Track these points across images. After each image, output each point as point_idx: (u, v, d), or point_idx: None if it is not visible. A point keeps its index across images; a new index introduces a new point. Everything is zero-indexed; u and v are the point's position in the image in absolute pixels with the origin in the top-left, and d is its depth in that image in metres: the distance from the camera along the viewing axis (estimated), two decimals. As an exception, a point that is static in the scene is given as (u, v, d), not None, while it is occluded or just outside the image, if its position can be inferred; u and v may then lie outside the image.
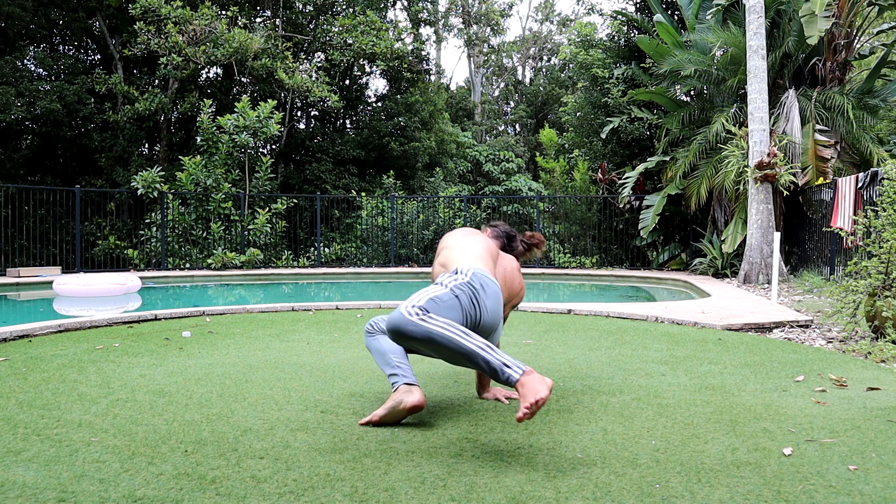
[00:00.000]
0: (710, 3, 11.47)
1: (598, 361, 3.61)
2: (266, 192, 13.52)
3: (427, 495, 1.72)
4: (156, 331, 4.69)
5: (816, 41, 9.16)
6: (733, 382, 3.06)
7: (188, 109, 15.32)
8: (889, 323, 4.02)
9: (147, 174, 12.17)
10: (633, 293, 9.79)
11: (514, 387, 2.02)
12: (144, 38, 13.79)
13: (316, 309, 6.07)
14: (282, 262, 12.93)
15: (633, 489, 1.76)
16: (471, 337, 2.12)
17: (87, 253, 13.46)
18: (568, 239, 14.87)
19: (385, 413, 2.32)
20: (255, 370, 3.34)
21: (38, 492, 1.73)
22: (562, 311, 5.74)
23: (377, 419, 2.33)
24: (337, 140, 17.58)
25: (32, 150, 15.71)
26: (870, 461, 1.98)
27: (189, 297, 9.31)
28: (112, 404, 2.64)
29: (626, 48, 14.10)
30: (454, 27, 26.08)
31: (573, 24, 24.33)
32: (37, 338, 4.35)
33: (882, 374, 3.26)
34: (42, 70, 15.69)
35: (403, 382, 2.35)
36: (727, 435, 2.24)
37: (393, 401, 2.32)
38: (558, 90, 24.52)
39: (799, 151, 9.56)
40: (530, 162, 23.66)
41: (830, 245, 8.54)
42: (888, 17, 12.80)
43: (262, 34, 14.81)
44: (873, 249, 4.40)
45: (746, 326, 4.85)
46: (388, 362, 2.44)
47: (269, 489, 1.76)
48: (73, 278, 8.35)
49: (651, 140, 13.66)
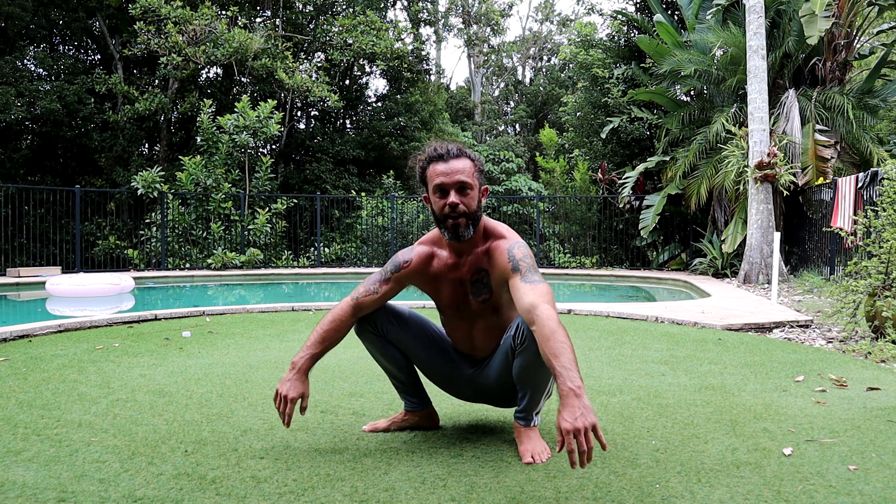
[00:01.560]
0: (710, 3, 11.47)
1: (598, 361, 3.61)
2: (266, 192, 13.52)
3: (427, 495, 1.72)
4: (156, 331, 4.69)
5: (816, 41, 9.16)
6: (733, 382, 3.06)
7: (188, 109, 15.32)
8: (889, 323, 4.02)
9: (147, 174, 12.17)
10: (633, 293, 9.79)
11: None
12: (144, 38, 13.79)
13: (316, 309, 6.08)
14: (282, 262, 12.93)
15: (633, 489, 1.76)
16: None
17: (87, 253, 13.46)
18: (568, 239, 14.87)
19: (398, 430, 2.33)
20: (255, 370, 3.34)
21: (38, 492, 1.73)
22: (562, 311, 5.74)
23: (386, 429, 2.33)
24: (337, 140, 17.58)
25: (32, 150, 15.71)
26: (870, 461, 1.98)
27: (189, 297, 9.31)
28: (112, 404, 2.64)
29: (626, 48, 14.10)
30: (454, 27, 26.08)
31: (573, 24, 24.33)
32: (37, 338, 4.34)
33: (882, 374, 3.26)
34: (42, 70, 15.69)
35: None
36: (727, 435, 2.24)
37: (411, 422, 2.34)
38: (558, 90, 24.52)
39: (799, 151, 9.56)
40: (530, 162, 23.65)
41: (830, 245, 8.54)
42: (888, 17, 12.80)
43: (262, 34, 14.81)
44: (873, 249, 4.40)
45: (746, 326, 4.85)
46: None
47: (270, 489, 1.76)
48: (67, 279, 8.32)
49: (651, 140, 13.66)
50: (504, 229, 2.07)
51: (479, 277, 2.06)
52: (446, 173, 1.97)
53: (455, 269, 2.09)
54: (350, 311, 2.12)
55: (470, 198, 1.98)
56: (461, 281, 2.09)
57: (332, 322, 2.10)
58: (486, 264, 2.04)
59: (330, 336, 2.09)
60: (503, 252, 1.99)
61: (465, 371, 2.25)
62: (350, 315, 2.12)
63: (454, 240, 2.01)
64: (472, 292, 2.08)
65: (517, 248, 1.98)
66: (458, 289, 2.10)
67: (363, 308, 2.13)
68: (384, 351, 2.21)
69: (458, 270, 2.08)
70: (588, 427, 1.51)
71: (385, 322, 2.18)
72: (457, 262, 2.08)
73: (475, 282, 2.07)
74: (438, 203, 1.99)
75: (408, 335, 2.21)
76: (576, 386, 1.57)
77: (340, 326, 2.11)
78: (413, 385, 2.29)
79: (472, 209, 1.98)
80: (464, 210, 1.96)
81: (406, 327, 2.21)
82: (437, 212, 2.00)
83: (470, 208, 1.97)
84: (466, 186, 1.97)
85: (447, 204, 1.96)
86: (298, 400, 2.00)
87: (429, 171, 2.01)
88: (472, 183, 1.98)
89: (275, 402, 2.01)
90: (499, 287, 2.05)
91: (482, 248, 2.05)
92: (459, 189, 1.97)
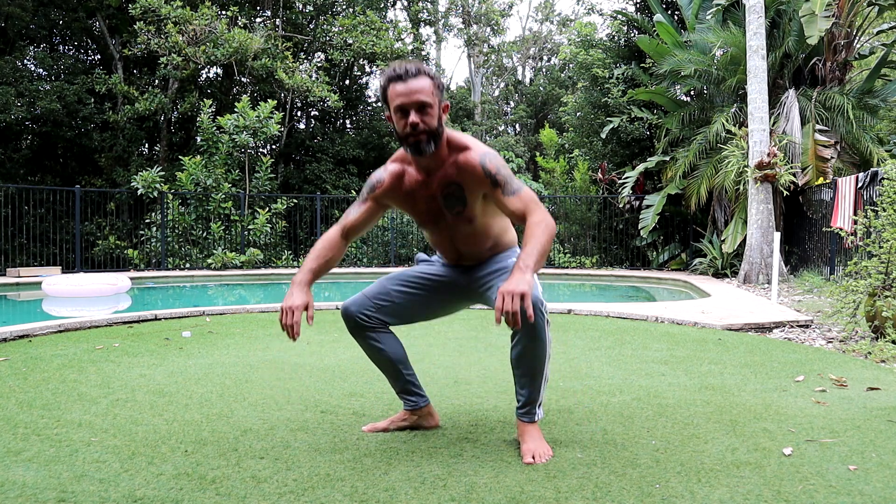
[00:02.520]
0: (710, 3, 11.47)
1: (598, 361, 3.61)
2: (266, 192, 13.52)
3: (427, 495, 1.72)
4: (156, 331, 4.69)
5: (816, 41, 9.16)
6: (733, 382, 3.06)
7: (188, 109, 15.32)
8: (889, 323, 4.02)
9: (147, 174, 12.16)
10: (633, 293, 9.79)
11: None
12: (144, 38, 13.78)
13: (316, 309, 6.07)
14: (282, 262, 12.93)
15: (633, 489, 1.76)
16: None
17: (87, 253, 13.46)
18: (568, 239, 14.86)
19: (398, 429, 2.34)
20: (255, 370, 3.34)
21: (38, 492, 1.73)
22: (562, 311, 5.74)
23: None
24: (337, 140, 17.58)
25: (32, 150, 15.71)
26: (870, 461, 1.98)
27: (189, 297, 9.31)
28: (112, 404, 2.64)
29: (626, 48, 14.10)
30: (454, 27, 26.06)
31: (573, 24, 24.33)
32: (37, 338, 4.34)
33: (882, 374, 3.26)
34: (42, 70, 15.69)
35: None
36: (727, 435, 2.24)
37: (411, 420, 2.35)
38: (558, 90, 24.50)
39: (799, 151, 9.56)
40: (530, 162, 23.64)
41: (830, 245, 8.54)
42: (888, 17, 12.79)
43: (262, 34, 14.80)
44: (873, 249, 4.40)
45: (746, 326, 4.85)
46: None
47: (270, 489, 1.77)
48: (64, 279, 8.31)
49: (651, 140, 13.66)
50: (467, 139, 2.10)
51: (451, 191, 2.10)
52: (405, 94, 1.97)
53: (425, 186, 2.12)
54: (339, 233, 2.20)
55: (430, 116, 1.99)
56: (432, 197, 2.13)
57: (324, 242, 2.19)
58: (458, 177, 2.07)
59: (324, 254, 2.16)
60: (475, 166, 2.03)
61: (461, 283, 2.30)
62: (339, 237, 2.20)
63: (417, 154, 2.03)
64: (446, 206, 2.12)
65: (489, 161, 2.03)
66: (432, 204, 2.14)
67: (350, 231, 2.21)
68: (378, 355, 2.25)
69: (428, 188, 2.12)
70: (520, 293, 1.72)
71: (374, 310, 2.21)
72: (426, 179, 2.11)
73: (447, 196, 2.10)
74: (400, 123, 2.01)
75: (399, 304, 2.25)
76: (525, 265, 1.79)
77: (332, 245, 2.18)
78: (409, 384, 2.31)
79: (432, 127, 1.99)
80: (424, 129, 1.98)
81: (390, 297, 2.24)
82: (399, 131, 2.03)
83: (430, 126, 1.99)
84: (426, 105, 1.98)
85: (408, 124, 1.98)
86: (304, 310, 2.02)
87: (389, 92, 2.00)
88: (431, 101, 1.99)
89: (280, 321, 1.99)
90: (474, 199, 2.10)
91: (450, 161, 2.08)
92: (419, 108, 1.98)
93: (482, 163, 2.02)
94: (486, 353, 3.87)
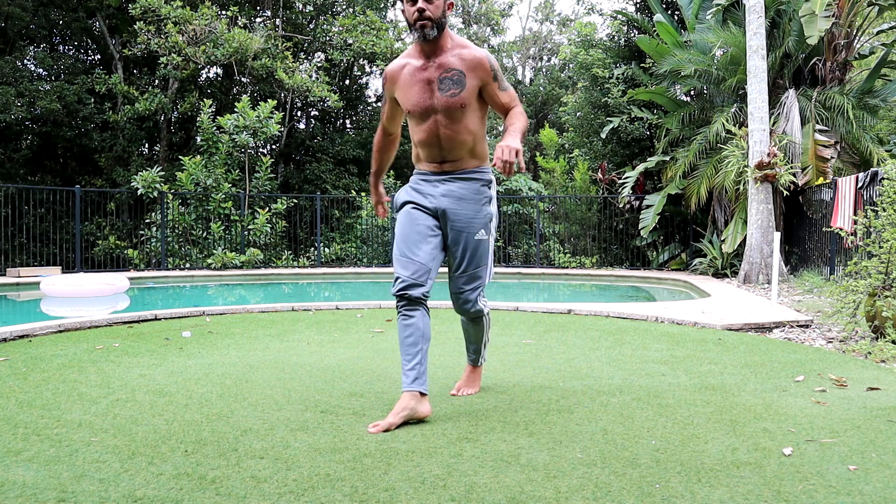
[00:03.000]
0: (710, 3, 11.47)
1: (598, 361, 3.61)
2: (266, 192, 13.52)
3: (427, 495, 1.72)
4: (156, 331, 4.69)
5: (816, 41, 9.16)
6: (733, 382, 3.06)
7: (188, 109, 15.31)
8: (889, 323, 4.02)
9: (147, 174, 12.16)
10: (633, 293, 9.79)
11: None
12: (144, 38, 13.78)
13: (316, 309, 6.08)
14: (282, 262, 12.93)
15: (633, 489, 1.76)
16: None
17: (87, 253, 13.46)
18: (568, 239, 14.86)
19: (400, 423, 2.35)
20: (255, 370, 3.34)
21: (38, 492, 1.73)
22: (562, 311, 5.74)
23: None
24: (337, 140, 17.57)
25: (32, 150, 15.70)
26: (870, 461, 1.98)
27: (189, 297, 9.31)
28: (112, 404, 2.64)
29: (626, 48, 14.09)
30: (454, 27, 26.08)
31: (573, 24, 24.33)
32: (37, 338, 4.35)
33: (882, 374, 3.26)
34: (42, 70, 15.68)
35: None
36: (727, 435, 2.24)
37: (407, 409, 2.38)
38: (558, 90, 24.50)
39: (799, 151, 9.56)
40: (530, 162, 23.64)
41: (830, 245, 8.54)
42: (888, 17, 12.80)
43: (262, 34, 14.80)
44: (873, 249, 4.40)
45: (746, 326, 4.85)
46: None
47: (269, 489, 1.77)
48: (62, 279, 8.30)
49: (651, 140, 13.66)
50: (468, 42, 2.50)
51: (451, 75, 2.44)
52: None
53: (424, 70, 2.46)
54: (381, 132, 2.72)
55: (435, 6, 2.38)
56: (429, 80, 2.45)
57: (376, 146, 2.77)
58: (461, 66, 2.44)
59: (378, 156, 2.77)
60: (483, 61, 2.45)
61: (441, 221, 2.61)
62: (383, 136, 2.73)
63: (422, 40, 2.40)
64: (441, 88, 2.44)
65: (493, 60, 2.47)
66: (426, 87, 2.46)
67: (387, 127, 2.70)
68: (427, 331, 2.50)
69: (427, 71, 2.46)
70: (514, 148, 2.21)
71: (428, 286, 2.51)
72: (426, 64, 2.46)
73: (444, 79, 2.43)
74: (410, 10, 2.38)
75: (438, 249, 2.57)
76: (515, 131, 2.37)
77: (382, 146, 2.75)
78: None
79: (437, 15, 2.38)
80: (429, 15, 2.36)
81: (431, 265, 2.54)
82: (408, 19, 2.40)
83: (435, 14, 2.38)
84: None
85: (416, 10, 2.36)
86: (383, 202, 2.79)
87: None
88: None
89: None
90: (474, 86, 2.46)
91: (452, 52, 2.45)
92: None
93: (489, 59, 2.46)
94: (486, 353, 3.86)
